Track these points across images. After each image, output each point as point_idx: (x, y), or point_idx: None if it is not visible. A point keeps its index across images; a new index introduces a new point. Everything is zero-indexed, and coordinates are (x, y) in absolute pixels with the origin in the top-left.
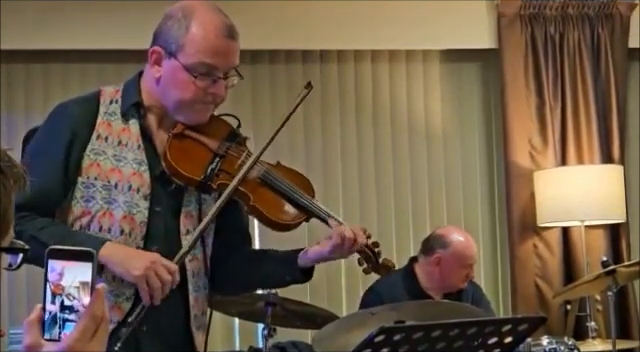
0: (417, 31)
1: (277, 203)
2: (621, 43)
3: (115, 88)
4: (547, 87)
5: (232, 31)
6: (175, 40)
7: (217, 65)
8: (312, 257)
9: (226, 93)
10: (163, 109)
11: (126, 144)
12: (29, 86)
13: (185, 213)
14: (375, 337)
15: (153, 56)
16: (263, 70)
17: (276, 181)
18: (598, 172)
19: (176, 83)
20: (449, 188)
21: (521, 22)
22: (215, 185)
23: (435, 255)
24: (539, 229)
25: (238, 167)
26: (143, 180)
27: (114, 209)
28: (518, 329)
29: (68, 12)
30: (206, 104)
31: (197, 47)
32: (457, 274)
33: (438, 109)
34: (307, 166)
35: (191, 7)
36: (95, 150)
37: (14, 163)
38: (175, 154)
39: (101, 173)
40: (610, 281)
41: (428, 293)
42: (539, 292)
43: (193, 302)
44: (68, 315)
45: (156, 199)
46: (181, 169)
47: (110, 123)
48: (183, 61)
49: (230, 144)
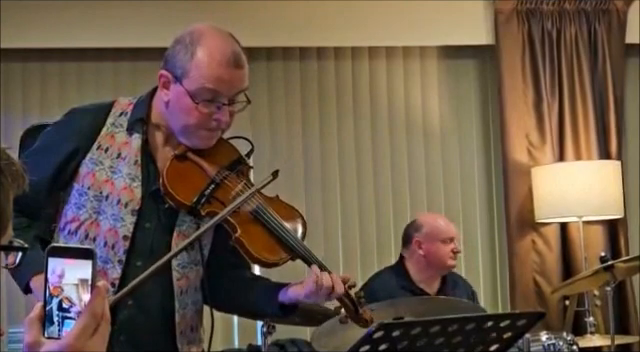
0: (414, 28)
1: (264, 241)
2: (618, 39)
3: (130, 101)
4: (544, 83)
5: (238, 59)
6: (181, 65)
7: (221, 91)
8: (291, 296)
9: (232, 119)
10: (170, 129)
11: (124, 158)
12: (26, 85)
13: (178, 232)
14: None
15: (162, 80)
16: (260, 68)
17: (267, 218)
18: (596, 168)
19: (181, 108)
20: (447, 184)
21: (518, 18)
22: (204, 212)
23: (414, 240)
24: (537, 225)
25: (232, 197)
26: (133, 195)
27: (101, 220)
28: (517, 324)
29: (65, 10)
30: (210, 130)
31: (201, 73)
32: (441, 251)
33: (436, 105)
34: (305, 163)
35: (200, 33)
36: (93, 160)
37: (13, 161)
38: (171, 176)
39: (95, 183)
40: (608, 276)
41: (420, 286)
42: (537, 288)
43: (179, 319)
44: (67, 313)
45: (147, 215)
46: (174, 192)
47: (113, 135)
48: (187, 87)
49: (229, 173)
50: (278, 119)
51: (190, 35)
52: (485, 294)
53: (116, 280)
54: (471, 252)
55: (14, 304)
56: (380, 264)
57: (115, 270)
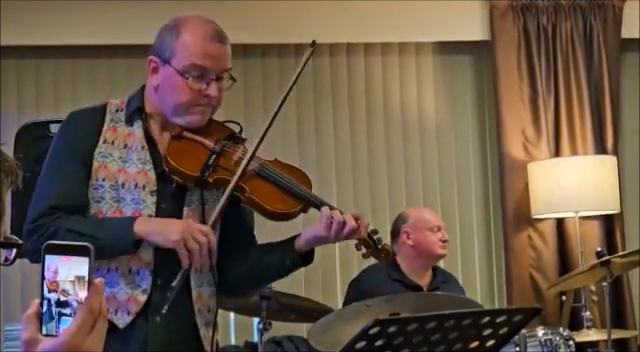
0: (409, 23)
1: (273, 193)
2: (614, 34)
3: (121, 100)
4: (540, 78)
5: (221, 36)
6: (168, 47)
7: (208, 67)
8: (308, 237)
9: (221, 96)
10: (164, 116)
11: (131, 147)
12: (21, 82)
13: (187, 211)
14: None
15: (150, 65)
16: (255, 65)
17: (272, 173)
18: (592, 163)
19: (172, 88)
20: (443, 180)
21: (513, 13)
22: (212, 180)
23: (402, 231)
24: (533, 220)
25: (235, 162)
26: (148, 177)
27: (123, 207)
28: (513, 320)
29: (60, 8)
30: (202, 106)
31: (188, 51)
32: (429, 239)
33: (431, 102)
34: (301, 161)
35: (183, 18)
36: (102, 153)
37: (6, 157)
38: (174, 153)
39: (109, 174)
40: (605, 271)
41: (411, 278)
42: (534, 283)
43: (196, 296)
44: (64, 309)
45: (161, 196)
46: (179, 166)
47: (116, 129)
48: (176, 66)
49: (227, 142)
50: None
51: (174, 21)
52: (481, 290)
53: (150, 262)
54: (467, 248)
55: (10, 301)
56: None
57: (149, 252)
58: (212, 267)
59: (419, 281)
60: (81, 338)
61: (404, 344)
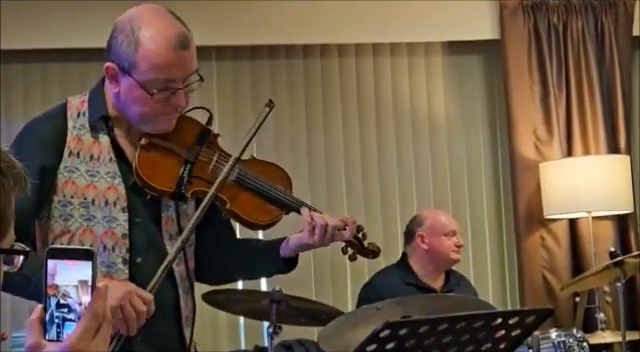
0: (419, 23)
1: (254, 204)
2: (625, 31)
3: (81, 98)
4: (551, 77)
5: (183, 40)
6: (127, 57)
7: (173, 78)
8: (293, 246)
9: (188, 98)
10: (128, 120)
11: (98, 158)
12: (27, 86)
13: (165, 219)
14: (380, 332)
15: (109, 72)
16: (263, 66)
17: (251, 181)
18: (604, 162)
19: (135, 99)
20: (454, 181)
21: (524, 12)
22: (188, 194)
23: (417, 234)
24: (546, 221)
25: (211, 171)
26: (118, 193)
27: (94, 225)
28: (526, 321)
29: (66, 11)
30: (168, 114)
31: (149, 64)
32: (444, 244)
33: (441, 102)
34: (310, 161)
35: (139, 19)
36: (68, 168)
37: (14, 164)
38: (144, 167)
39: (77, 191)
40: (618, 272)
41: (425, 281)
42: (547, 284)
43: (183, 304)
44: (68, 314)
45: (134, 210)
46: (152, 183)
47: (80, 138)
48: (138, 78)
49: (200, 148)
50: (282, 118)
51: (130, 23)
52: (493, 291)
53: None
54: (479, 249)
55: (18, 308)
56: (387, 260)
57: (122, 271)
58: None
59: (433, 284)
60: (85, 343)
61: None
